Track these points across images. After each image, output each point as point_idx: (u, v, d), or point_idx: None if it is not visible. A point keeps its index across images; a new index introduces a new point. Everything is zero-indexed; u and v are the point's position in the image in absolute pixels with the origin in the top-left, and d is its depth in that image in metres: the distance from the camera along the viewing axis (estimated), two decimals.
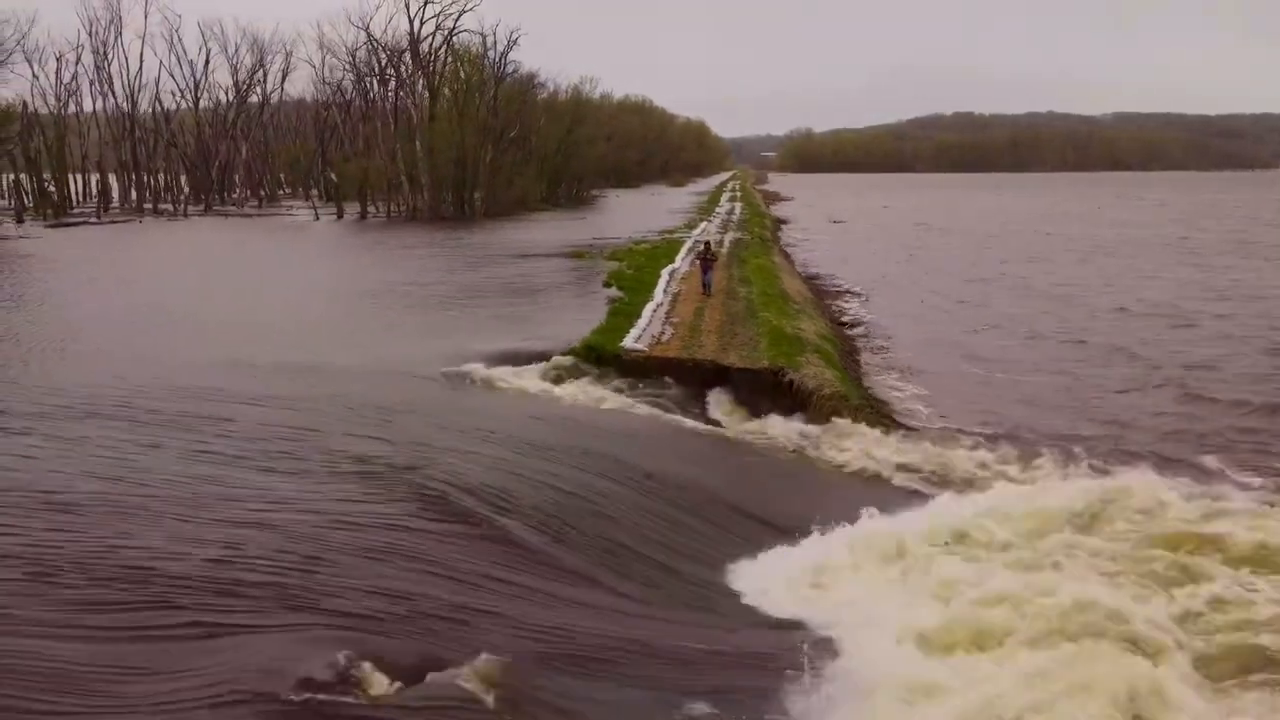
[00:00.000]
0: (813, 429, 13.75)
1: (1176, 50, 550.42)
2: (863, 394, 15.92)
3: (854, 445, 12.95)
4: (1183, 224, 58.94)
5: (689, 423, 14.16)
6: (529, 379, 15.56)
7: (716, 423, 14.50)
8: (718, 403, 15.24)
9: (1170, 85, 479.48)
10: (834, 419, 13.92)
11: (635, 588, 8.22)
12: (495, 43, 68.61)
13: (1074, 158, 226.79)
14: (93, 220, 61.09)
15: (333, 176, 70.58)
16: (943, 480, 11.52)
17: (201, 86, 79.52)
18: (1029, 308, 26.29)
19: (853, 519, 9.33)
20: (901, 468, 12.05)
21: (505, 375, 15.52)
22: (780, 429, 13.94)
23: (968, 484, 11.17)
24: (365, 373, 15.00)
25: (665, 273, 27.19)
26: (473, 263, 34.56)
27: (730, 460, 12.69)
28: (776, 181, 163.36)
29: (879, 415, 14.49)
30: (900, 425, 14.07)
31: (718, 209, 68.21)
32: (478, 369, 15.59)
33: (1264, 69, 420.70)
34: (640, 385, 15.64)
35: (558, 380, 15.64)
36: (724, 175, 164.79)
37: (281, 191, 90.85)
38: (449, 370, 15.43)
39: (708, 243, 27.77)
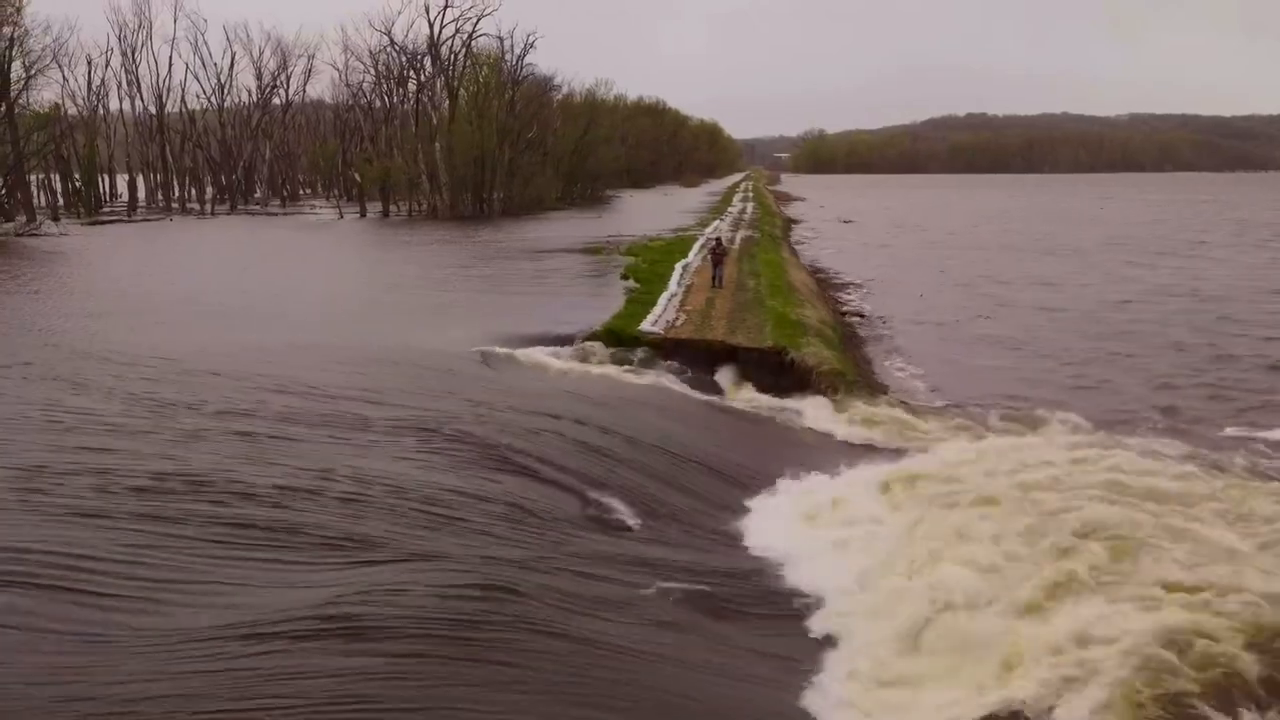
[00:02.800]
0: (809, 401, 15.38)
1: (1192, 51, 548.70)
2: (858, 372, 17.53)
3: (843, 414, 14.59)
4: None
5: (699, 395, 15.76)
6: (556, 358, 17.18)
7: (724, 395, 16.13)
8: (726, 378, 16.84)
9: (1186, 86, 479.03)
10: (830, 393, 15.54)
11: (640, 515, 9.88)
12: (513, 46, 70.50)
13: (1087, 159, 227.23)
14: (125, 219, 63.10)
15: (356, 176, 72.50)
16: (919, 441, 13.17)
17: (226, 89, 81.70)
18: (1017, 299, 27.90)
19: (830, 472, 11.26)
20: (881, 431, 13.71)
21: (535, 355, 17.15)
22: (779, 401, 15.56)
23: (931, 443, 12.88)
24: (418, 352, 16.67)
25: (679, 267, 28.72)
26: (496, 258, 36.28)
27: (732, 426, 14.31)
28: (789, 182, 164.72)
29: (870, 389, 16.10)
30: (887, 397, 15.68)
31: (730, 208, 69.72)
32: (510, 350, 17.24)
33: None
34: (656, 364, 17.21)
35: (582, 359, 17.27)
36: (737, 176, 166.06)
37: (303, 191, 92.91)
38: (484, 350, 17.07)
39: (719, 239, 29.38)
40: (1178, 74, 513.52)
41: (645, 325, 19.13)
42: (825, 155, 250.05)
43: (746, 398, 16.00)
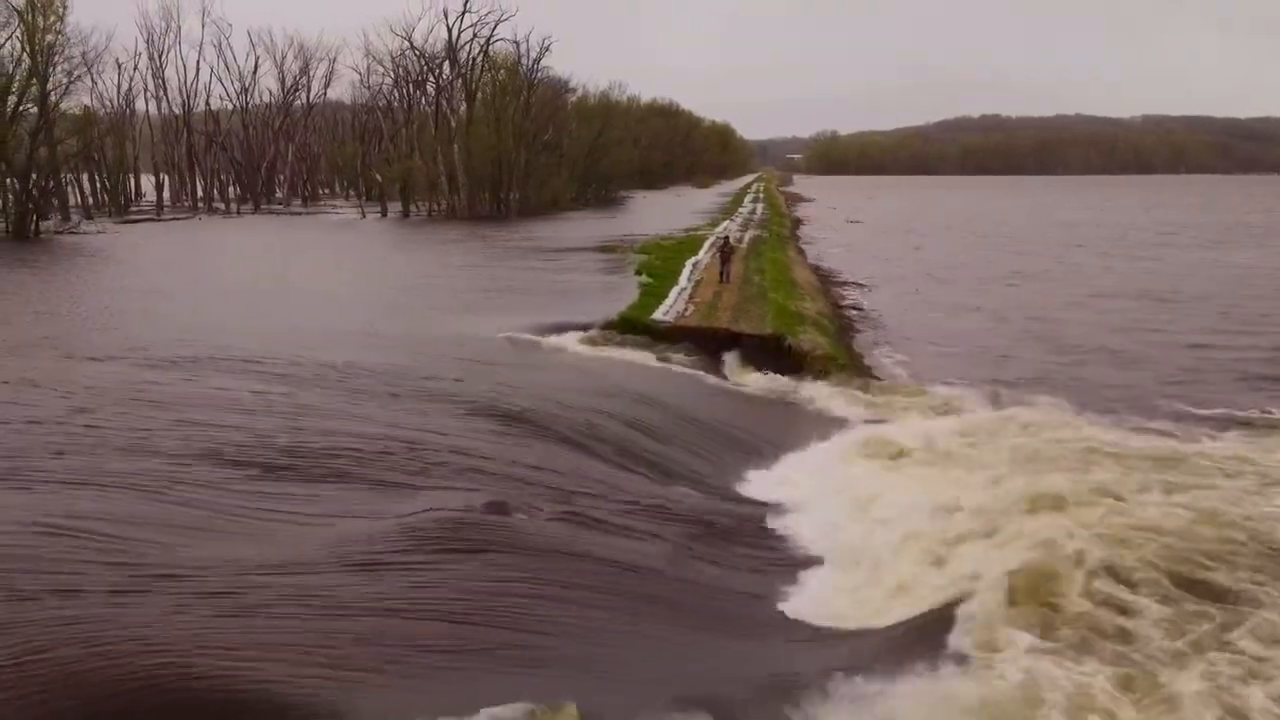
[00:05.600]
0: (805, 382, 17.21)
1: (1205, 53, 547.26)
2: (849, 357, 19.36)
3: (834, 393, 16.43)
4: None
5: (705, 377, 17.59)
6: (576, 343, 19.05)
7: (727, 377, 17.98)
8: (729, 362, 18.69)
9: (1198, 88, 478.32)
10: (823, 375, 17.39)
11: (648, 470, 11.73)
12: (528, 50, 72.42)
13: (1099, 160, 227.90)
14: (154, 218, 65.25)
15: (377, 177, 74.64)
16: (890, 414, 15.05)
17: (250, 91, 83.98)
18: (1011, 295, 29.67)
19: (811, 438, 13.22)
20: (865, 407, 15.57)
21: (557, 341, 19.04)
22: (778, 382, 17.39)
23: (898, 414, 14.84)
24: (454, 339, 18.56)
25: (689, 264, 30.44)
26: (516, 255, 38.17)
27: (735, 403, 16.17)
28: (801, 183, 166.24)
29: (858, 372, 17.96)
30: (873, 379, 17.54)
31: (740, 209, 71.42)
32: (535, 337, 19.12)
33: None
34: (666, 349, 19.02)
35: (599, 344, 19.14)
36: (749, 177, 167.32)
37: (322, 191, 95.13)
38: (513, 336, 18.95)
39: (727, 238, 31.20)
40: (1190, 75, 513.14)
41: (657, 315, 20.99)
42: (837, 157, 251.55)
43: (747, 379, 17.84)
